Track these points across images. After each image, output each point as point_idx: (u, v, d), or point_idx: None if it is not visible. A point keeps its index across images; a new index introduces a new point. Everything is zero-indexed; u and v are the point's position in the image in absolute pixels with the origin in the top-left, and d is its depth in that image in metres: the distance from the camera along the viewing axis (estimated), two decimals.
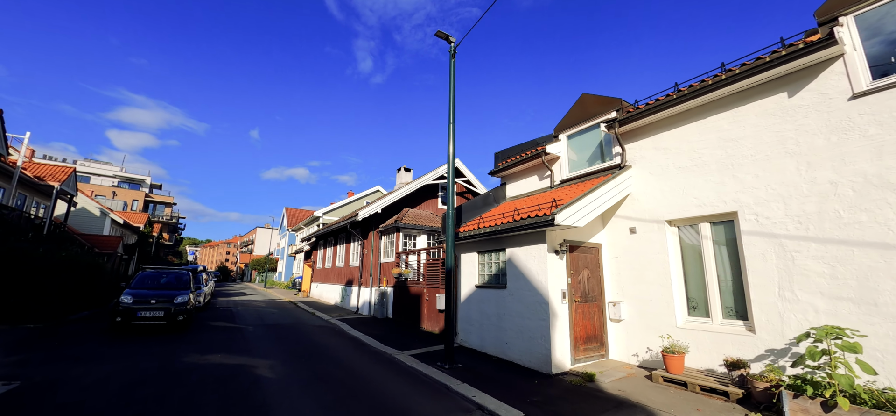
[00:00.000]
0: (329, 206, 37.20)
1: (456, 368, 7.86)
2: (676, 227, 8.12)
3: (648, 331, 8.07)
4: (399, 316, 14.78)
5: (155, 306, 10.04)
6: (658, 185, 8.33)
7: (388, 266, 16.49)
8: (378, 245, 17.26)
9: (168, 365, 7.24)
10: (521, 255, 8.61)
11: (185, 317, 10.47)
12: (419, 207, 18.93)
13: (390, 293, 15.81)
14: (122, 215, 33.64)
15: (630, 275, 8.58)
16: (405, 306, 14.38)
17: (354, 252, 19.11)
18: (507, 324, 8.74)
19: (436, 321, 12.42)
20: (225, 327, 11.98)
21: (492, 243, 9.59)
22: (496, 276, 9.38)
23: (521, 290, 8.46)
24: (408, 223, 16.28)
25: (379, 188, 39.08)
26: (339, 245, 21.65)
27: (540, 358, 7.78)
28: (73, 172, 20.59)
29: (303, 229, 40.92)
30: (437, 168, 19.37)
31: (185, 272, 12.44)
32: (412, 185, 18.19)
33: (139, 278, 11.40)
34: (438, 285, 12.42)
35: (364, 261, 17.45)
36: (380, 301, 15.91)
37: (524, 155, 11.39)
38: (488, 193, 12.17)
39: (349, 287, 18.94)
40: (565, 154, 10.61)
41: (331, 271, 22.44)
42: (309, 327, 13.23)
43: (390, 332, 12.28)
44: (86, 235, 27.08)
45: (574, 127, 10.40)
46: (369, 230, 17.42)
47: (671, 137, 8.25)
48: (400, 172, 24.21)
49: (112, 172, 55.89)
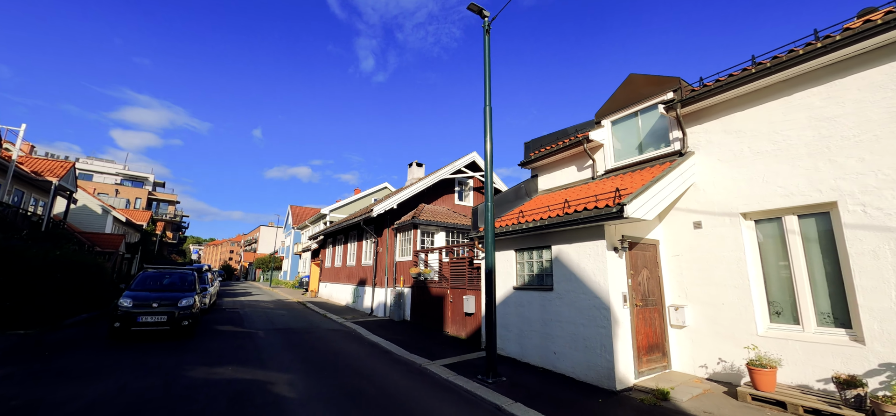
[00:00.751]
0: (335, 203, 36.29)
1: (501, 382, 6.85)
2: (753, 220, 7.07)
3: (719, 339, 7.04)
4: (418, 319, 13.79)
5: (157, 310, 9.07)
6: (729, 173, 7.28)
7: (405, 265, 15.50)
8: (393, 243, 16.26)
9: (172, 382, 6.26)
10: (571, 253, 7.58)
11: (191, 322, 9.51)
12: (435, 202, 17.92)
13: (407, 294, 14.81)
14: (124, 213, 32.79)
15: (695, 275, 7.54)
16: (425, 308, 13.38)
17: (367, 250, 18.12)
18: (555, 331, 7.72)
19: (462, 325, 11.41)
20: (233, 333, 11.00)
21: (534, 240, 8.57)
22: (539, 276, 8.36)
23: (573, 292, 7.43)
24: (426, 219, 15.27)
25: (387, 185, 38.12)
26: (349, 243, 20.67)
27: (600, 371, 6.75)
28: (72, 168, 19.68)
29: (309, 227, 40.01)
30: (455, 161, 18.34)
31: (189, 272, 11.48)
32: (429, 179, 17.18)
33: (140, 279, 10.43)
34: (465, 286, 11.40)
35: (378, 260, 16.46)
36: (396, 303, 14.92)
37: (561, 143, 10.35)
38: (519, 186, 11.14)
39: (362, 287, 17.96)
40: (609, 141, 9.57)
41: (341, 270, 21.46)
42: (323, 331, 12.25)
43: (412, 337, 11.28)
44: (87, 233, 26.22)
45: (620, 111, 9.35)
46: (384, 227, 16.43)
47: (746, 117, 7.19)
48: (411, 168, 23.20)
49: (115, 170, 55.10)
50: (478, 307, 10.71)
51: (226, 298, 23.49)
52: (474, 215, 10.16)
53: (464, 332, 11.28)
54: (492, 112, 8.07)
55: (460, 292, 11.59)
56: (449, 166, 18.01)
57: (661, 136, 8.59)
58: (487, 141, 7.92)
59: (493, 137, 8.03)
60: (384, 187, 38.11)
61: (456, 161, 18.28)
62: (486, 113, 8.08)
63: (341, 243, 22.18)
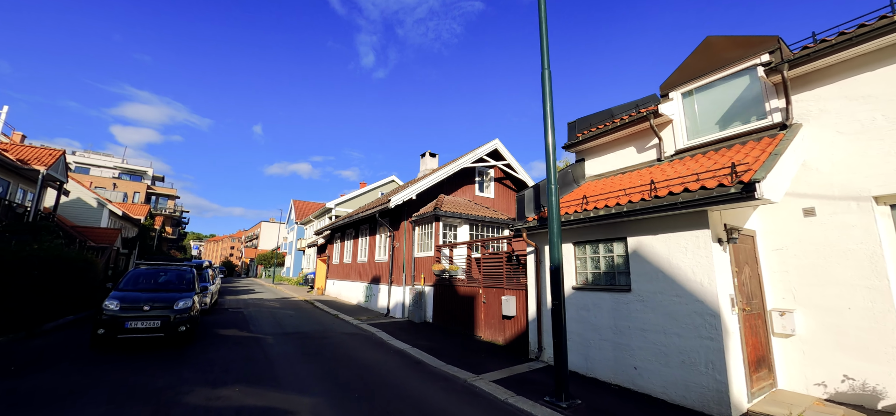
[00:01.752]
0: (340, 197, 34.91)
1: (577, 406, 5.48)
2: (888, 205, 5.67)
3: (844, 352, 5.67)
4: (442, 321, 12.41)
5: (149, 313, 7.68)
6: (855, 148, 5.88)
7: (425, 262, 14.11)
8: (411, 237, 14.86)
9: (164, 411, 4.87)
10: (657, 246, 6.18)
11: (189, 327, 8.12)
12: (454, 194, 16.51)
13: (429, 294, 13.43)
14: (121, 207, 31.37)
15: (806, 273, 6.15)
16: (451, 309, 11.99)
17: (381, 245, 16.73)
18: (634, 341, 6.33)
19: (498, 329, 10.03)
20: (239, 339, 9.62)
21: (600, 231, 7.17)
22: (609, 275, 6.97)
23: (661, 294, 6.04)
24: (449, 211, 13.87)
25: (394, 178, 36.72)
26: (360, 238, 19.27)
27: (705, 393, 5.37)
28: (61, 156, 18.25)
29: (313, 221, 38.63)
30: (476, 149, 16.91)
31: (188, 269, 10.09)
32: (449, 168, 15.75)
33: (131, 277, 9.03)
34: (503, 285, 10.01)
35: (394, 255, 15.06)
36: (416, 303, 13.55)
37: (618, 121, 8.94)
38: (566, 170, 9.73)
39: (375, 285, 16.57)
40: (680, 116, 8.15)
41: (351, 267, 20.07)
42: (339, 335, 10.87)
43: (441, 343, 9.91)
44: (81, 227, 24.82)
45: (695, 80, 7.93)
46: (400, 220, 15.02)
47: (877, 80, 5.78)
48: (424, 158, 21.77)
49: (112, 164, 53.66)
50: (521, 310, 9.33)
51: (228, 296, 22.13)
52: (520, 203, 8.76)
53: (501, 337, 9.90)
54: (551, 75, 6.63)
55: (496, 291, 10.21)
56: (470, 154, 16.58)
57: (751, 107, 7.17)
58: (547, 95, 6.47)
59: (552, 105, 6.58)
60: (391, 181, 36.72)
61: (477, 149, 16.86)
62: (545, 76, 6.63)
63: (351, 237, 20.79)
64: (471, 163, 16.56)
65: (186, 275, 9.71)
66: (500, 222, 15.51)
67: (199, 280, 10.88)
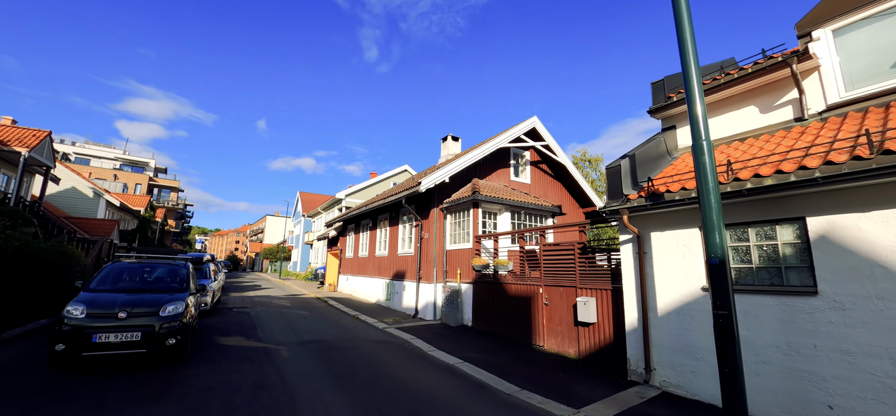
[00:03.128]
0: (349, 188, 33.00)
1: None
2: None
3: None
4: (486, 324, 10.44)
5: (126, 323, 5.73)
6: None
7: (460, 255, 12.13)
8: (442, 227, 12.87)
9: None
10: (872, 228, 4.14)
11: (180, 340, 6.17)
12: (488, 178, 14.48)
13: (466, 292, 11.47)
14: (119, 197, 29.60)
15: None
16: (498, 311, 10.02)
17: (406, 237, 14.75)
18: (827, 368, 4.31)
19: (568, 339, 8.04)
20: (245, 351, 7.69)
21: (756, 209, 5.12)
22: (771, 270, 4.93)
23: (885, 299, 4.00)
24: (489, 196, 11.85)
25: (407, 168, 34.78)
26: (379, 229, 17.29)
27: None
28: (47, 138, 16.38)
29: (321, 213, 36.79)
30: (512, 127, 14.84)
31: (181, 264, 8.12)
32: (485, 148, 13.68)
33: (107, 274, 7.08)
34: (575, 283, 8.01)
35: (423, 248, 13.08)
36: (450, 303, 11.58)
37: (736, 72, 6.85)
38: (658, 139, 7.69)
39: (398, 282, 14.61)
40: (833, 60, 6.06)
41: (367, 261, 18.12)
42: (367, 344, 8.93)
43: (495, 355, 7.96)
44: (75, 218, 23.07)
45: (857, 10, 5.83)
46: (429, 207, 13.03)
47: None
48: (446, 143, 19.74)
49: (114, 155, 51.99)
50: (605, 315, 7.32)
51: (232, 292, 20.29)
52: (614, 177, 6.71)
53: (573, 348, 7.91)
54: None
55: (565, 291, 8.21)
56: (506, 133, 14.51)
57: None
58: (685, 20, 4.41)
59: (693, 33, 4.50)
60: (404, 170, 34.77)
61: (513, 127, 14.78)
62: None
63: (367, 228, 18.82)
64: (508, 142, 14.50)
65: (180, 271, 7.75)
66: (544, 209, 13.49)
67: (197, 277, 8.95)
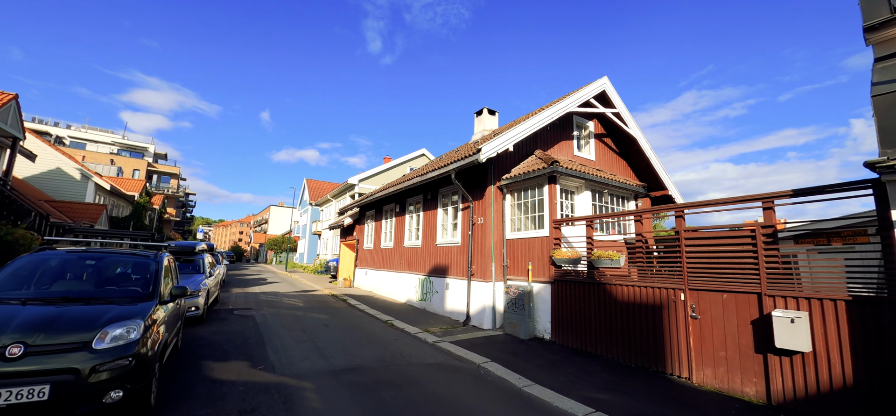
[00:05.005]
0: (361, 173, 30.19)
1: None
2: None
3: None
4: (574, 339, 7.64)
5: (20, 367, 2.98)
6: None
7: (525, 246, 9.32)
8: (500, 209, 10.04)
9: None
10: None
11: (132, 389, 3.41)
12: (549, 151, 11.60)
13: (541, 294, 8.67)
14: (110, 181, 26.90)
15: None
16: (598, 322, 7.20)
17: (447, 223, 11.93)
18: None
19: (742, 372, 5.23)
20: (251, 392, 4.93)
21: None
22: None
23: None
24: (569, 170, 8.99)
25: (425, 152, 31.95)
26: (409, 214, 14.47)
27: None
28: (11, 102, 13.60)
29: (331, 201, 34.04)
30: (580, 90, 11.89)
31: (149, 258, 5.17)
32: (551, 111, 10.71)
33: (20, 269, 4.31)
34: (761, 288, 5.14)
35: (475, 236, 10.25)
36: (517, 307, 8.79)
37: None
38: None
39: (438, 279, 11.82)
40: None
41: (392, 253, 15.32)
42: (424, 371, 6.16)
43: (622, 390, 5.21)
44: (58, 201, 20.41)
45: None
46: (484, 184, 10.18)
47: None
48: (480, 117, 16.82)
49: (111, 139, 49.35)
50: (831, 341, 4.47)
51: (234, 288, 17.60)
52: None
53: (755, 387, 5.08)
54: None
55: (739, 299, 5.37)
56: (574, 95, 11.56)
57: None
58: None
59: None
60: (422, 155, 31.93)
61: (582, 89, 11.82)
62: None
63: (392, 215, 16.01)
64: (577, 107, 11.58)
65: (147, 268, 4.91)
66: (628, 188, 10.65)
67: (178, 274, 6.16)
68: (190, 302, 8.31)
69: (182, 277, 9.14)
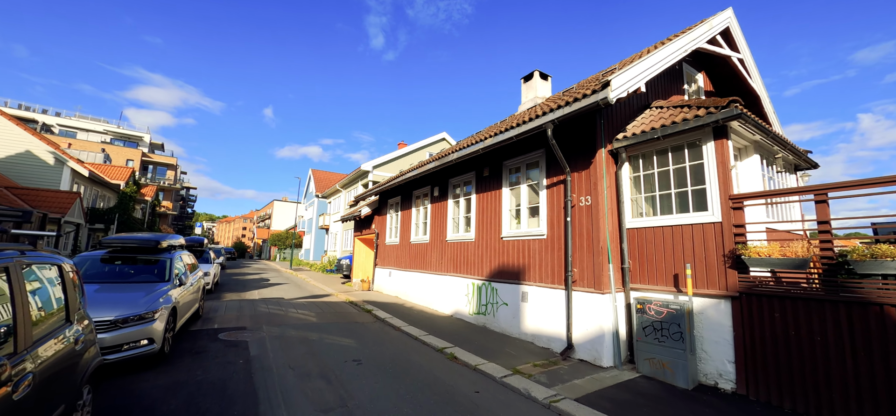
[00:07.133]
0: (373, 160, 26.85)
1: None
2: None
3: None
4: (794, 395, 4.28)
5: None
6: None
7: (668, 239, 5.97)
8: (614, 185, 6.70)
9: None
10: None
11: None
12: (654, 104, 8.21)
13: (715, 316, 5.33)
14: (91, 167, 23.69)
15: None
16: (856, 371, 3.84)
17: (521, 206, 8.59)
18: None
19: None
20: None
21: None
22: None
23: None
24: (750, 116, 5.62)
25: (445, 136, 28.61)
26: (453, 198, 11.11)
27: None
28: None
29: (340, 192, 30.77)
30: (701, 24, 8.49)
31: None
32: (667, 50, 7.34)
33: None
34: None
35: (575, 223, 6.90)
36: (666, 335, 5.48)
37: None
38: None
39: (507, 286, 8.49)
40: None
41: (430, 249, 11.99)
42: None
43: None
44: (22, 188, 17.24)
45: None
46: (592, 148, 6.82)
47: None
48: (529, 82, 13.51)
49: (103, 128, 46.27)
50: None
51: (227, 294, 14.36)
52: None
53: None
54: None
55: None
56: (696, 30, 8.17)
57: None
58: None
59: None
60: (442, 139, 28.58)
61: (701, 24, 8.45)
62: None
63: (425, 201, 12.69)
64: (705, 42, 8.18)
65: None
66: (798, 152, 7.26)
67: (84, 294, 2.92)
68: (144, 333, 5.04)
69: (135, 287, 5.88)
